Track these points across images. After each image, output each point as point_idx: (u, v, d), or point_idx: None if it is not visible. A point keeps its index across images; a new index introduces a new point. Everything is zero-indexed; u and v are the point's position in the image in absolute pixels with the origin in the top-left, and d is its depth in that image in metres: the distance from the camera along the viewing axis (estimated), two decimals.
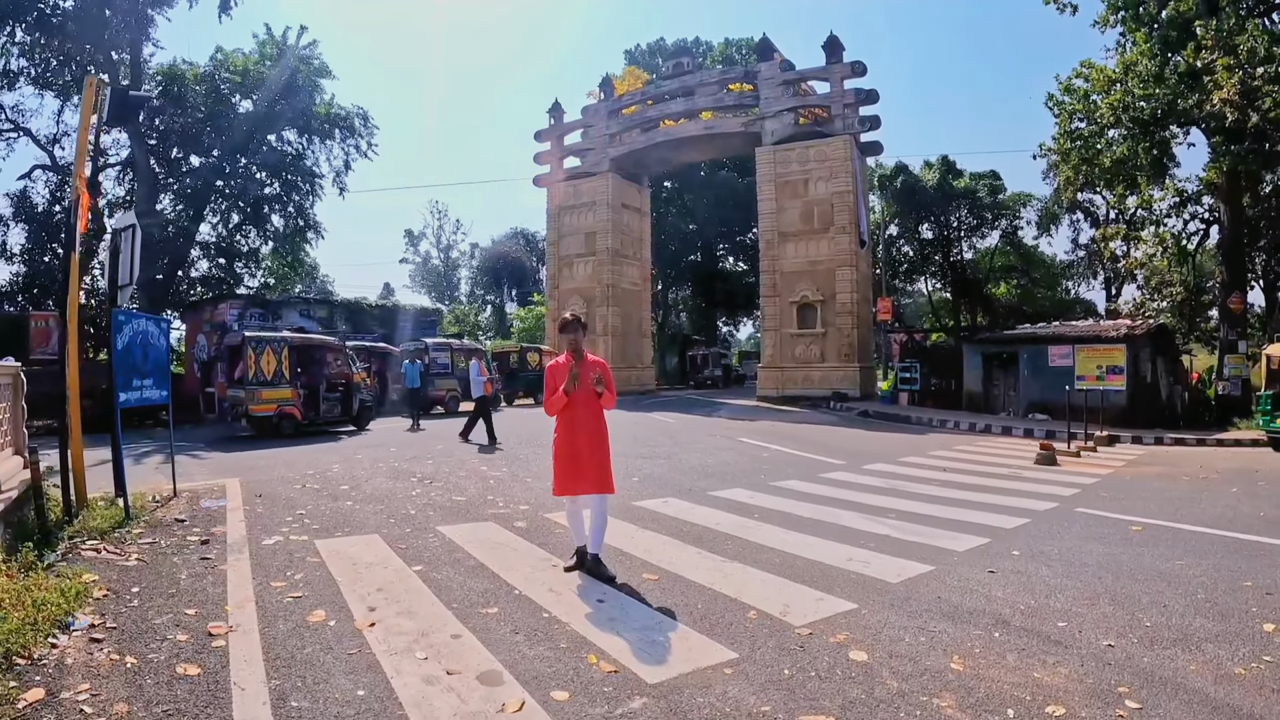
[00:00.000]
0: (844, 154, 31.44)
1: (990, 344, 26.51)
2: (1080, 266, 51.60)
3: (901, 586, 5.60)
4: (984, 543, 6.99)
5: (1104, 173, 25.42)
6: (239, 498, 8.97)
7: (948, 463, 13.38)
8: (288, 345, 17.11)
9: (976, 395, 25.89)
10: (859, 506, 8.89)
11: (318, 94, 31.66)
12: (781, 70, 33.23)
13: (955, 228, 43.52)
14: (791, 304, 32.23)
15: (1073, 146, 25.48)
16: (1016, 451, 15.54)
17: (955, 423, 22.16)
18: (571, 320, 6.04)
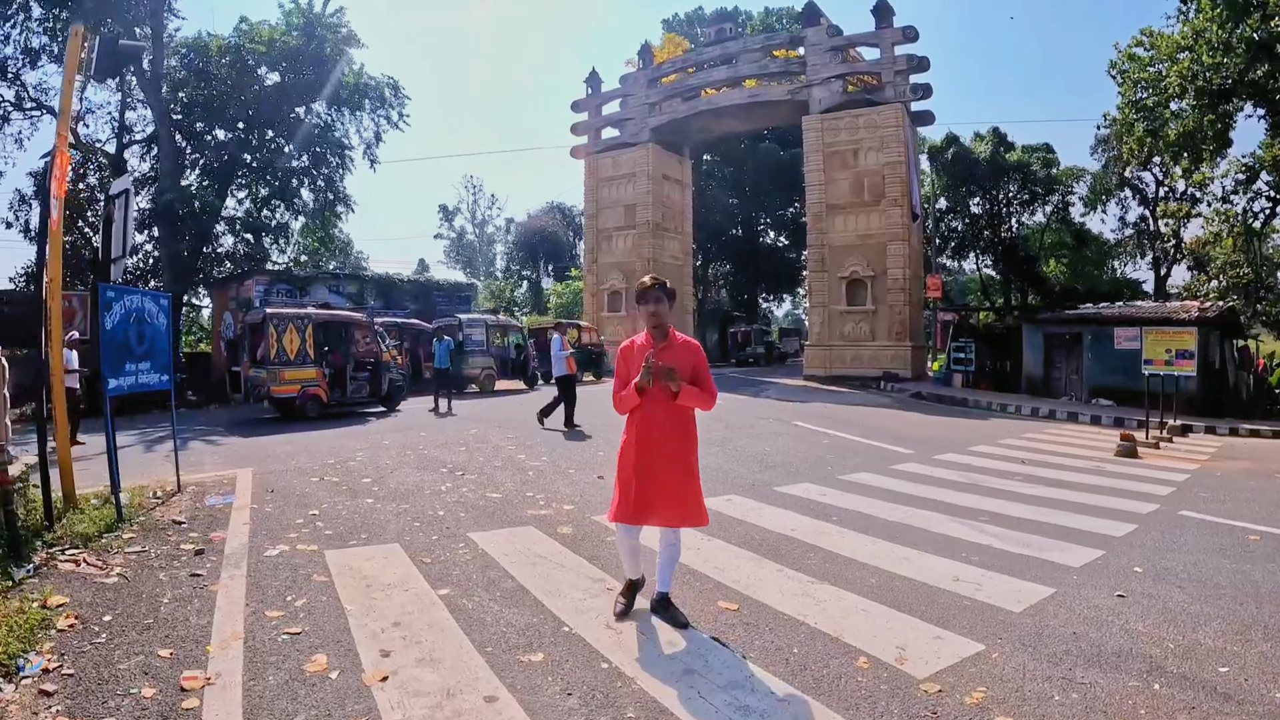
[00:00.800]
0: (895, 123, 29.95)
1: (1052, 324, 25.22)
2: (1129, 245, 50.15)
3: (1027, 618, 4.74)
4: (1098, 556, 6.21)
5: (1169, 145, 23.99)
6: (248, 493, 8.04)
7: (1022, 453, 12.60)
8: (311, 322, 16.19)
9: (1036, 378, 24.74)
10: (945, 507, 8.02)
11: (346, 64, 30.62)
12: (829, 35, 31.71)
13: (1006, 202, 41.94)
14: (840, 280, 30.86)
15: (1137, 117, 24.09)
16: (1090, 441, 14.76)
17: (1016, 407, 21.17)
18: (651, 286, 4.43)
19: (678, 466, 4.42)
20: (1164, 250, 47.33)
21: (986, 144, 38.80)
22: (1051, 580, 5.50)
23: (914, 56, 29.89)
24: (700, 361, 4.50)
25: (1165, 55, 23.12)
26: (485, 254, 75.17)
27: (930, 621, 4.62)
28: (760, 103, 34.11)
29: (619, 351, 4.69)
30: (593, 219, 39.67)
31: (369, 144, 33.04)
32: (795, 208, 53.97)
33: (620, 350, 4.66)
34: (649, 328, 4.52)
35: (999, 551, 6.28)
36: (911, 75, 30.13)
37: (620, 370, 4.60)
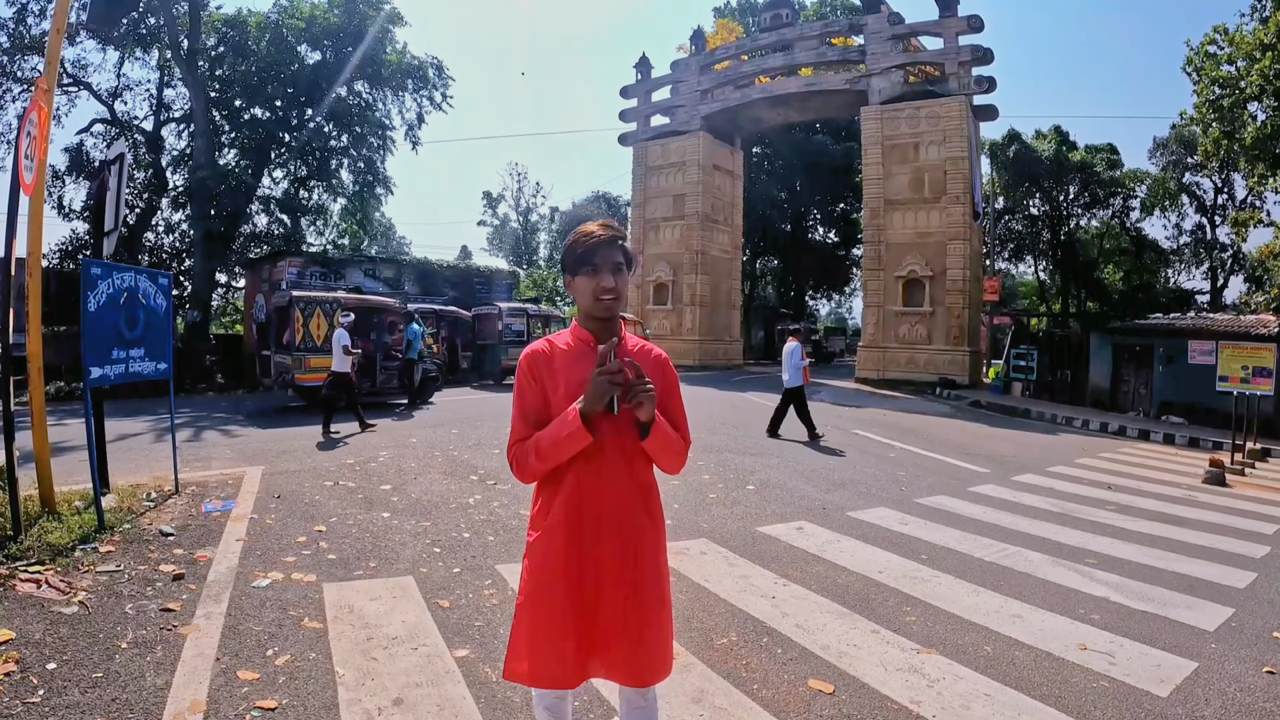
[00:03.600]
0: (959, 116, 28.58)
1: (1122, 334, 23.89)
2: (1185, 254, 48.12)
3: (1176, 706, 3.93)
4: (1228, 615, 5.39)
5: (1245, 149, 22.53)
6: (252, 498, 7.18)
7: (1103, 475, 11.70)
8: (340, 307, 15.35)
9: (1103, 391, 23.52)
10: (1042, 544, 7.12)
11: (389, 42, 29.94)
12: (890, 24, 30.38)
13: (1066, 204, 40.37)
14: (897, 279, 29.56)
15: (1213, 117, 22.69)
16: (1171, 464, 13.90)
17: (1084, 421, 19.90)
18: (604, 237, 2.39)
19: (647, 574, 2.42)
20: (1221, 260, 45.51)
21: (1049, 142, 37.31)
22: (1188, 650, 4.71)
23: (979, 48, 28.51)
24: (672, 385, 2.53)
25: (1244, 54, 21.71)
26: (528, 242, 74.48)
27: (1068, 712, 3.76)
28: (816, 92, 32.90)
29: (524, 363, 2.48)
30: (640, 208, 38.64)
31: (411, 125, 32.43)
32: (846, 204, 52.80)
33: (526, 360, 2.48)
34: (588, 316, 2.49)
35: (1119, 607, 5.43)
36: (975, 67, 28.79)
37: (529, 396, 2.44)
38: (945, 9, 28.91)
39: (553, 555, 2.35)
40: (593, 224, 2.43)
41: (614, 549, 2.35)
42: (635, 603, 2.35)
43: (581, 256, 2.38)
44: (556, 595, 2.33)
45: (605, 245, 2.37)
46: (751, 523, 7.32)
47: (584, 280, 2.39)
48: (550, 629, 2.33)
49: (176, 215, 30.83)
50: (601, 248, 2.37)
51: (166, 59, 28.12)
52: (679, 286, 36.17)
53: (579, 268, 2.39)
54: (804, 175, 48.61)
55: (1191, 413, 20.55)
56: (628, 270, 2.44)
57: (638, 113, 38.34)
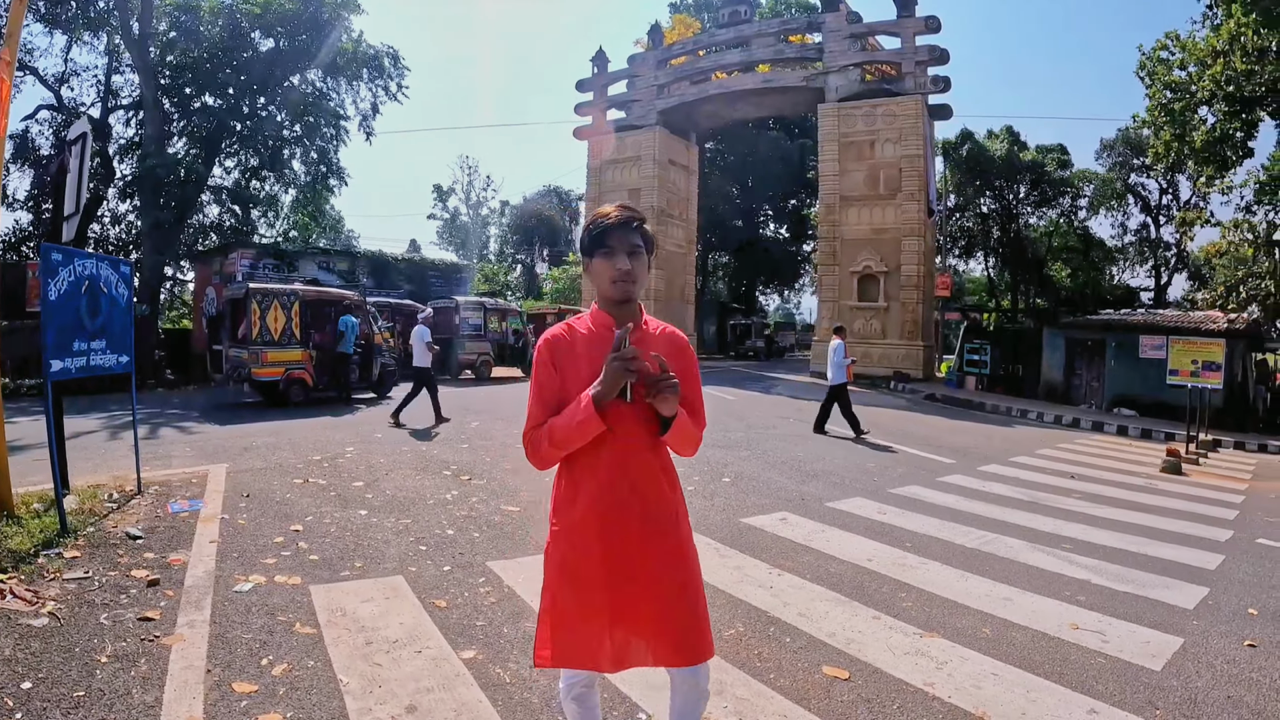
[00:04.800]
0: (915, 114, 28.93)
1: (1075, 329, 24.32)
2: (1130, 252, 49.89)
3: (1172, 679, 4.16)
4: (1203, 594, 5.71)
5: (1195, 152, 23.15)
6: (219, 498, 6.83)
7: (1065, 465, 12.14)
8: (298, 300, 14.88)
9: (1056, 384, 23.88)
10: (1019, 531, 7.37)
11: (345, 30, 29.24)
12: (848, 22, 30.60)
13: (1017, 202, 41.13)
14: (852, 274, 29.81)
15: (1165, 121, 23.26)
16: (1128, 454, 14.40)
17: (1039, 414, 20.37)
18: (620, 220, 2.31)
19: (675, 556, 2.37)
20: (1165, 259, 46.97)
21: (1002, 142, 37.95)
22: (1173, 627, 4.98)
23: (935, 48, 28.87)
24: (693, 371, 2.44)
25: (1196, 59, 22.28)
26: (478, 236, 73.67)
27: (1073, 688, 3.93)
28: (773, 89, 33.06)
29: (542, 348, 2.39)
30: (594, 203, 38.31)
31: (365, 115, 31.83)
32: (798, 200, 53.15)
33: (545, 345, 2.39)
34: (606, 300, 2.39)
35: (1102, 589, 5.69)
36: (931, 67, 29.14)
37: (547, 381, 2.35)
38: (903, 9, 29.21)
39: (585, 543, 2.29)
40: (610, 205, 2.36)
41: (641, 533, 2.29)
42: (670, 582, 2.31)
43: (597, 238, 2.32)
44: (588, 580, 2.28)
45: (620, 227, 2.30)
46: (734, 514, 7.32)
47: (600, 262, 2.32)
48: (583, 612, 2.28)
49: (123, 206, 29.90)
50: (617, 229, 2.30)
51: (116, 44, 27.27)
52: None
53: (595, 250, 2.33)
54: (756, 171, 48.87)
55: (1142, 406, 21.00)
56: (647, 253, 2.37)
57: (593, 107, 38.05)
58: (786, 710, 3.55)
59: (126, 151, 29.21)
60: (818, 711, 3.55)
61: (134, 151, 28.43)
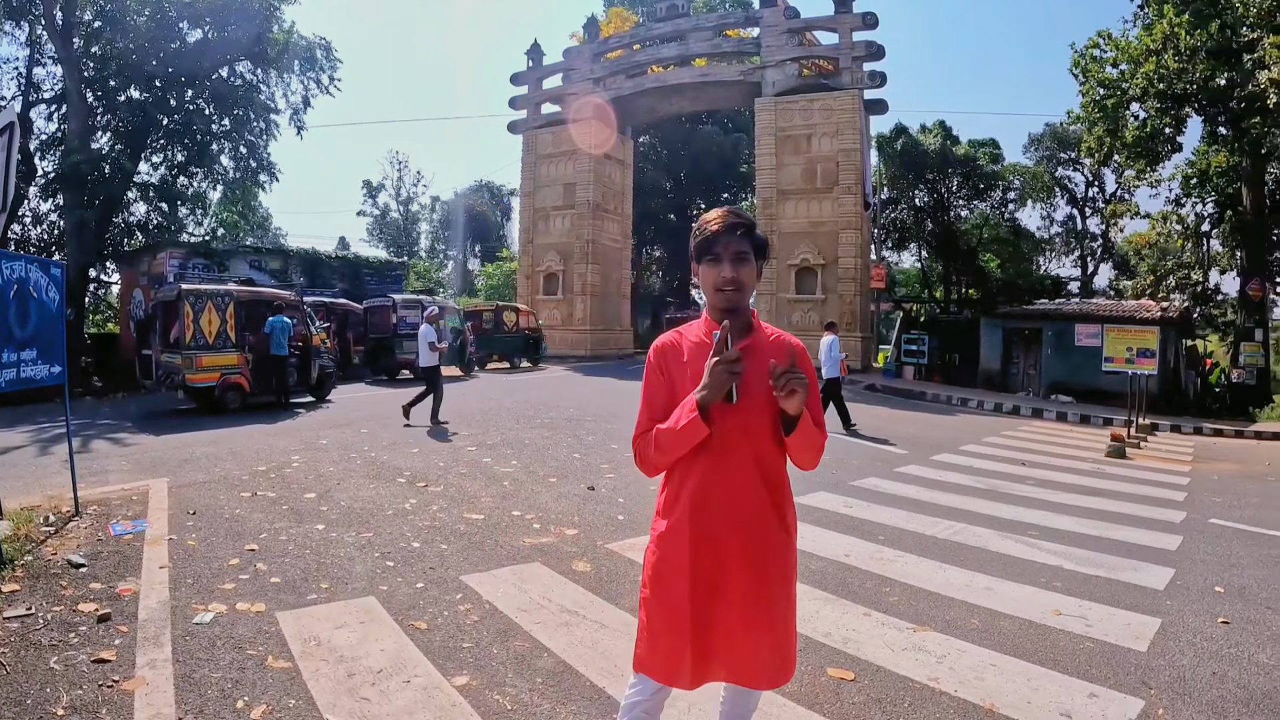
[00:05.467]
0: (851, 109, 29.28)
1: (1012, 319, 24.88)
2: (1057, 243, 51.36)
3: (1158, 658, 4.34)
4: (1171, 575, 5.96)
5: (1126, 146, 23.89)
6: (164, 516, 6.36)
7: (1013, 453, 12.49)
8: (233, 300, 14.19)
9: (994, 373, 24.44)
10: (984, 520, 7.55)
11: (275, 20, 28.19)
12: (786, 17, 30.79)
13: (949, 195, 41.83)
14: (790, 267, 30.04)
15: (1098, 116, 23.94)
16: (1070, 439, 14.92)
17: (979, 402, 20.86)
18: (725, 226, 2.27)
19: (773, 570, 2.29)
20: (1091, 249, 48.53)
21: (935, 136, 38.44)
22: (1149, 608, 5.18)
23: (872, 44, 29.31)
24: (808, 374, 2.19)
25: (1129, 58, 22.92)
26: (409, 232, 72.45)
27: (1069, 673, 4.07)
28: (710, 82, 33.16)
29: (654, 354, 2.40)
30: (529, 197, 38.02)
31: (296, 109, 30.90)
32: (730, 194, 53.37)
33: (655, 351, 2.40)
34: (716, 308, 2.34)
35: (1074, 574, 5.89)
36: (867, 63, 29.57)
37: (655, 388, 2.36)
38: (841, 5, 29.60)
39: (676, 552, 2.26)
40: (716, 211, 2.31)
41: (737, 547, 2.23)
42: (758, 605, 2.24)
43: (703, 245, 2.29)
44: (676, 593, 2.25)
45: (726, 233, 2.25)
46: None
47: (707, 269, 2.30)
48: (669, 624, 2.26)
49: (45, 205, 28.52)
50: (722, 236, 2.25)
51: (39, 35, 25.95)
52: (570, 276, 35.93)
53: (702, 257, 2.31)
54: (690, 165, 48.88)
55: (1078, 393, 21.56)
56: (756, 259, 2.30)
57: (528, 100, 37.66)
58: (803, 717, 3.48)
59: (49, 147, 27.82)
60: (833, 715, 3.51)
61: (56, 147, 27.09)
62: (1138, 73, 22.15)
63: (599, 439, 11.51)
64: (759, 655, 2.25)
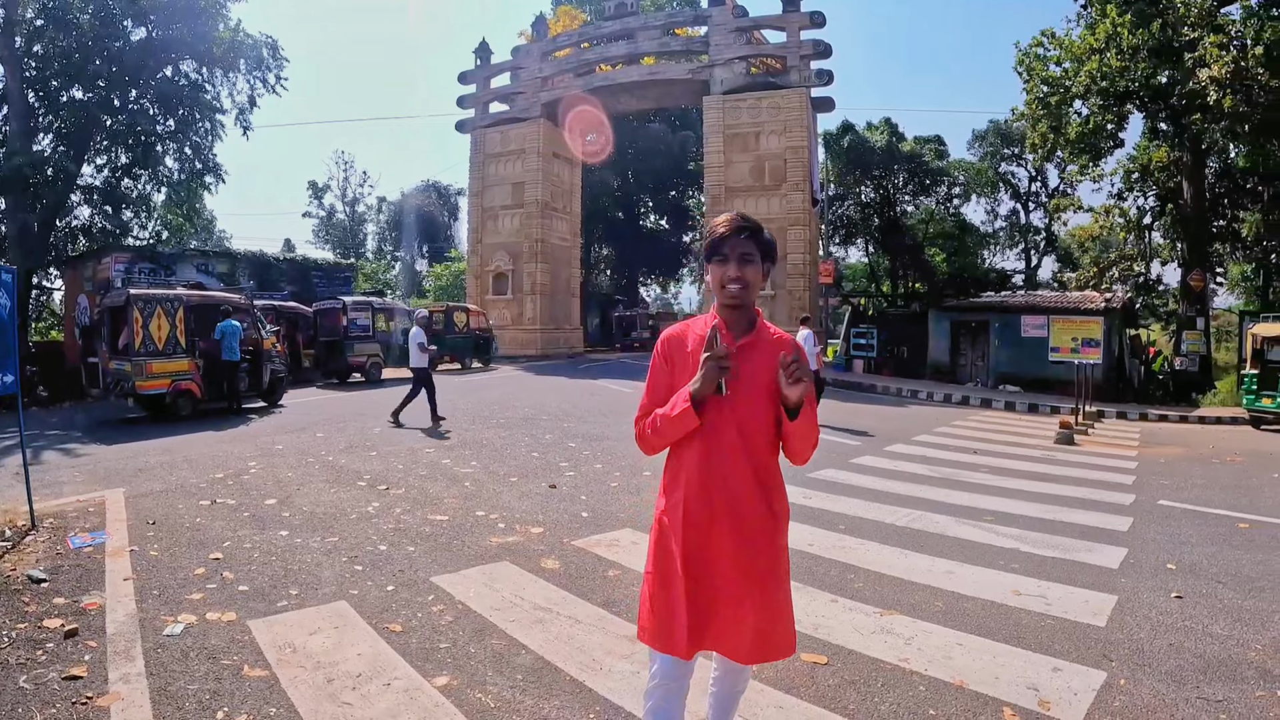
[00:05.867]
0: (799, 107, 29.75)
1: (959, 312, 25.35)
2: (1001, 237, 52.47)
3: (1117, 632, 4.55)
4: (1124, 554, 6.20)
5: (1069, 143, 24.51)
6: (124, 527, 6.24)
7: (965, 442, 12.74)
8: (183, 305, 13.91)
9: (942, 365, 24.83)
10: (941, 507, 7.73)
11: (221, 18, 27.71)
12: (735, 16, 31.16)
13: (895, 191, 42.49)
14: None
15: (1043, 113, 24.49)
16: (1019, 428, 15.25)
17: (928, 394, 21.22)
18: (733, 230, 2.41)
19: (762, 554, 2.43)
20: (1035, 242, 49.67)
21: (881, 133, 39.07)
22: (1105, 586, 5.39)
23: (820, 42, 29.79)
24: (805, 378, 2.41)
25: (1073, 57, 23.48)
26: (355, 234, 71.51)
27: (1033, 649, 4.26)
28: (659, 81, 33.41)
29: (660, 343, 2.57)
30: (477, 197, 37.88)
31: (242, 109, 30.40)
32: (678, 191, 53.62)
33: (663, 341, 2.57)
34: (723, 305, 2.49)
35: (1031, 556, 6.10)
36: (815, 61, 30.07)
37: (659, 375, 2.55)
38: (789, 4, 30.03)
39: (673, 529, 2.44)
40: (723, 215, 2.49)
41: (727, 528, 2.39)
42: (745, 583, 2.39)
43: (711, 246, 2.46)
44: (673, 567, 2.42)
45: (732, 235, 2.40)
46: None
47: (715, 268, 2.46)
48: (666, 596, 2.43)
49: None
50: (730, 237, 2.41)
51: None
52: (519, 275, 35.89)
53: (711, 257, 2.47)
54: (638, 164, 49.09)
55: (1026, 382, 22.03)
56: (762, 261, 2.45)
57: (476, 99, 37.55)
58: (781, 701, 3.58)
59: None
60: (810, 699, 3.60)
61: None
62: (1081, 71, 22.66)
63: (556, 438, 11.54)
64: (742, 631, 2.40)
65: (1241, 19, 20.46)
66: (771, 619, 2.43)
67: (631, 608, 4.62)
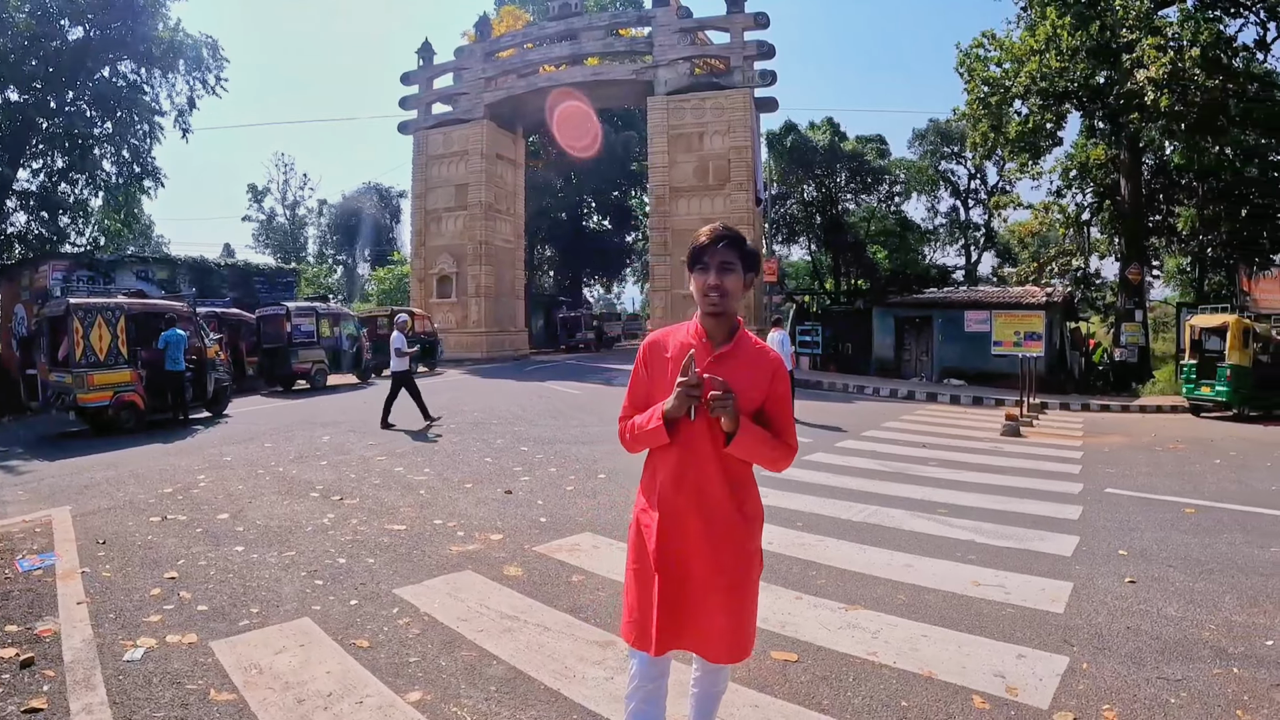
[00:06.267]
0: (743, 107, 30.04)
1: (903, 308, 25.80)
2: (941, 233, 53.49)
3: (1076, 618, 4.72)
4: (1075, 542, 6.43)
5: (1010, 142, 25.11)
6: (73, 547, 6.05)
7: (914, 436, 13.07)
8: (124, 314, 13.55)
9: (887, 360, 25.24)
10: (897, 501, 7.92)
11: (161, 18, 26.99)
12: (679, 17, 31.35)
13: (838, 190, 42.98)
14: (684, 263, 30.29)
15: (984, 113, 25.02)
16: (965, 421, 15.63)
17: (874, 389, 21.54)
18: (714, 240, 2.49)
19: (732, 556, 2.51)
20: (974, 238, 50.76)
21: (824, 133, 39.41)
22: (1060, 573, 5.58)
23: (763, 43, 30.12)
24: (781, 391, 2.57)
25: (1013, 58, 24.06)
26: (296, 237, 70.22)
27: (996, 638, 4.39)
28: (603, 81, 33.42)
29: (643, 347, 2.67)
30: (421, 199, 37.54)
31: (182, 110, 29.70)
32: (621, 192, 53.73)
33: (645, 346, 2.66)
34: (704, 314, 2.54)
35: (987, 547, 6.28)
36: (758, 62, 30.37)
37: (638, 380, 2.66)
38: (733, 5, 30.25)
39: (648, 530, 2.56)
40: (707, 226, 2.59)
41: (699, 532, 2.49)
42: (717, 586, 2.49)
43: (693, 256, 2.54)
44: (647, 566, 2.53)
45: (713, 245, 2.48)
46: (624, 511, 7.24)
47: (696, 277, 2.53)
48: (640, 594, 2.55)
49: None
50: (711, 246, 2.49)
51: None
52: (463, 278, 35.70)
53: (693, 266, 2.55)
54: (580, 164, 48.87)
55: (970, 376, 22.52)
56: (744, 270, 2.51)
57: (419, 100, 37.22)
58: (755, 700, 3.61)
59: None
60: (784, 696, 3.65)
61: None
62: (1021, 71, 23.21)
63: (508, 442, 11.51)
64: (712, 630, 2.50)
65: (1179, 21, 21.11)
66: (737, 621, 2.52)
67: (599, 612, 4.67)
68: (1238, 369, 16.22)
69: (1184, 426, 15.27)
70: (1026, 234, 36.16)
